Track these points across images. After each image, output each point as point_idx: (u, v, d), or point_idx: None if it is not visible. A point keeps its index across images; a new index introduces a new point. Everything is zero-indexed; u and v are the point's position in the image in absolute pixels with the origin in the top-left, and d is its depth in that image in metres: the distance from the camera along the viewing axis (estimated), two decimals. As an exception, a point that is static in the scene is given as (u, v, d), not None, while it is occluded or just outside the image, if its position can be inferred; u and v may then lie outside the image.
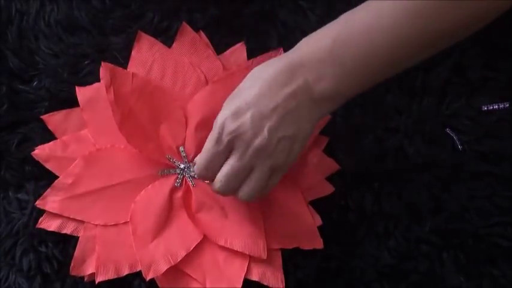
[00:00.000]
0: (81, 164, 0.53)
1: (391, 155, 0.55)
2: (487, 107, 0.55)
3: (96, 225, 0.52)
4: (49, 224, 0.52)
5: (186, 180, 0.54)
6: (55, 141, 0.54)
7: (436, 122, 0.56)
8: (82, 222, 0.52)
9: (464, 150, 0.55)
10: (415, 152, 0.55)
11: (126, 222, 0.52)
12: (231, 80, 0.54)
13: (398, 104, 0.57)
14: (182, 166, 0.54)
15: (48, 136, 0.54)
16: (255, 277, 0.51)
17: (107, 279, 0.50)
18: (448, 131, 0.56)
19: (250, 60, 0.56)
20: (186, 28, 0.56)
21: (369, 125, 0.56)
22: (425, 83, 0.57)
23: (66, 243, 0.53)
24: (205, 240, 0.51)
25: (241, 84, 0.46)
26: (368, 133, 0.56)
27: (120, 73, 0.54)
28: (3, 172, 0.54)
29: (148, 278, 0.50)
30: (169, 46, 0.56)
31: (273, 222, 0.53)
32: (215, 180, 0.46)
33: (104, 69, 0.53)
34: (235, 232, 0.51)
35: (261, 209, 0.52)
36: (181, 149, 0.54)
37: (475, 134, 0.56)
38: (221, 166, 0.46)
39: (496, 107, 0.55)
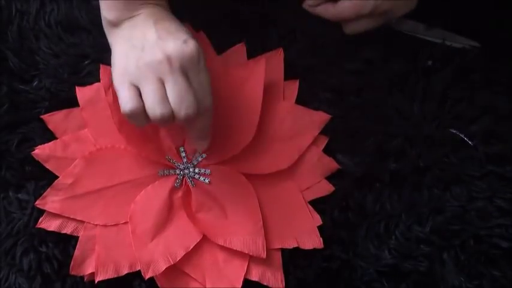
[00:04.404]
0: (81, 164, 0.53)
1: (391, 156, 0.55)
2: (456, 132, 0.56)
3: (96, 225, 0.52)
4: (49, 224, 0.52)
5: (185, 180, 0.54)
6: (55, 141, 0.54)
7: (438, 125, 0.56)
8: (82, 222, 0.52)
9: (475, 146, 0.55)
10: (416, 154, 0.55)
11: (126, 222, 0.52)
12: (229, 80, 0.55)
13: (399, 108, 0.57)
14: (182, 167, 0.54)
15: (48, 136, 0.54)
16: (254, 277, 0.51)
17: (106, 278, 0.50)
18: (452, 131, 0.56)
19: (250, 60, 0.56)
20: (187, 28, 0.56)
21: (369, 127, 0.56)
22: (426, 87, 0.57)
23: (66, 243, 0.53)
24: (204, 240, 0.51)
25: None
26: (368, 135, 0.56)
27: None
28: (3, 172, 0.54)
29: (147, 277, 0.50)
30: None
31: (272, 222, 0.53)
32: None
33: (103, 72, 0.53)
34: (234, 232, 0.51)
35: (260, 208, 0.52)
36: (181, 149, 0.54)
37: (476, 136, 0.56)
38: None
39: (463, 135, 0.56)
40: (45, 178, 0.53)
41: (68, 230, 0.52)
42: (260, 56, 0.56)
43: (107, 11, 0.48)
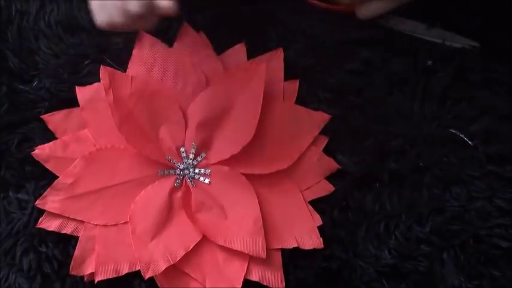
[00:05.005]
0: (81, 164, 0.53)
1: (391, 156, 0.55)
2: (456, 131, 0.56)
3: (96, 225, 0.52)
4: (49, 224, 0.52)
5: (185, 180, 0.54)
6: (55, 141, 0.54)
7: (438, 125, 0.56)
8: (82, 222, 0.52)
9: (475, 146, 0.55)
10: (416, 154, 0.55)
11: (126, 222, 0.52)
12: (230, 82, 0.55)
13: (399, 108, 0.57)
14: (182, 167, 0.54)
15: (48, 136, 0.54)
16: (254, 277, 0.51)
17: (106, 278, 0.50)
18: (452, 131, 0.56)
19: (250, 61, 0.56)
20: (187, 28, 0.56)
21: (369, 127, 0.56)
22: (426, 87, 0.57)
23: (66, 243, 0.52)
24: (204, 240, 0.51)
25: None
26: (368, 135, 0.56)
27: (119, 76, 0.54)
28: (3, 172, 0.54)
29: (146, 277, 0.50)
30: (170, 46, 0.56)
31: (272, 222, 0.53)
32: None
33: (103, 72, 0.53)
34: (234, 232, 0.51)
35: (260, 208, 0.52)
36: (182, 149, 0.54)
37: (476, 136, 0.56)
38: None
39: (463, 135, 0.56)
40: (45, 178, 0.53)
41: (68, 230, 0.52)
42: (260, 56, 0.56)
43: None
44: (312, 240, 0.53)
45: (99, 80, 0.55)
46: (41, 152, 0.53)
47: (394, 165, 0.55)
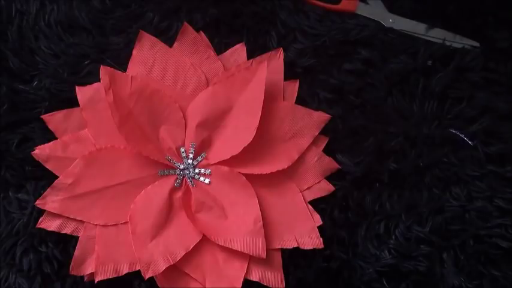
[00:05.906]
0: (81, 164, 0.53)
1: (391, 156, 0.55)
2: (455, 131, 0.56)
3: (96, 225, 0.52)
4: (49, 224, 0.52)
5: (185, 180, 0.54)
6: (55, 141, 0.54)
7: (438, 125, 0.56)
8: (82, 222, 0.52)
9: (475, 146, 0.55)
10: (416, 154, 0.55)
11: (126, 222, 0.52)
12: (231, 82, 0.55)
13: (399, 108, 0.57)
14: (182, 167, 0.54)
15: (48, 136, 0.54)
16: (254, 277, 0.51)
17: (106, 278, 0.50)
18: (452, 131, 0.56)
19: (250, 61, 0.56)
20: (188, 28, 0.56)
21: (369, 127, 0.56)
22: (426, 87, 0.57)
23: (66, 243, 0.52)
24: (204, 240, 0.51)
25: None
26: (368, 135, 0.56)
27: (119, 76, 0.54)
28: (3, 172, 0.54)
29: (147, 277, 0.50)
30: (170, 46, 0.56)
31: (272, 222, 0.53)
32: None
33: (103, 72, 0.53)
34: (234, 232, 0.51)
35: (260, 208, 0.52)
36: (182, 149, 0.54)
37: (476, 136, 0.56)
38: None
39: (463, 135, 0.56)
40: (45, 178, 0.53)
41: (68, 230, 0.52)
42: (260, 56, 0.56)
43: None
44: (312, 240, 0.53)
45: (99, 80, 0.55)
46: (41, 152, 0.53)
47: (394, 165, 0.55)
